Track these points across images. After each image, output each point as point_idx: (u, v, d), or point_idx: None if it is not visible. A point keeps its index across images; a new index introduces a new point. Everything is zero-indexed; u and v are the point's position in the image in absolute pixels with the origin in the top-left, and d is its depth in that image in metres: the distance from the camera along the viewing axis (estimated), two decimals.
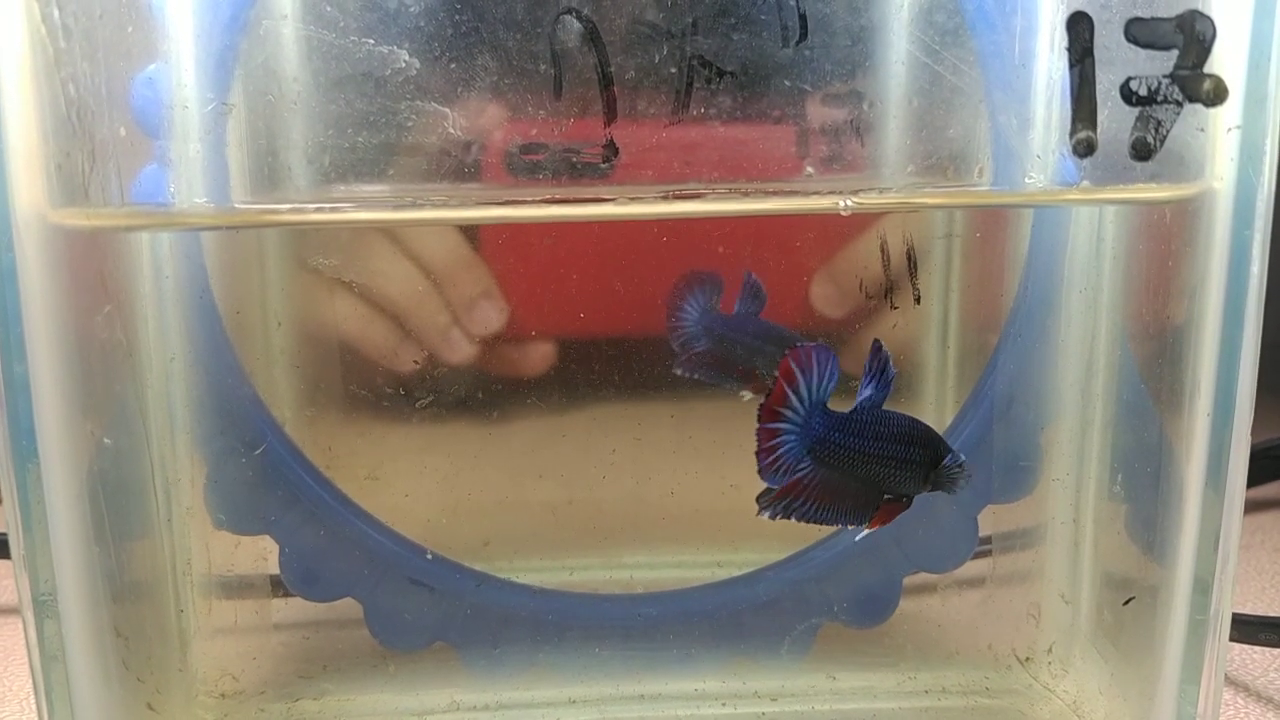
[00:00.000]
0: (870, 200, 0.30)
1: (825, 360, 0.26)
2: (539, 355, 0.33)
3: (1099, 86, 0.26)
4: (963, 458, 0.27)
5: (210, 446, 0.32)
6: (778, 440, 0.26)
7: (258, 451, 0.32)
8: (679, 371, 0.32)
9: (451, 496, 0.34)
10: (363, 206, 0.29)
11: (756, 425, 0.26)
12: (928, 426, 0.27)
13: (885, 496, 0.27)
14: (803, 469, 0.26)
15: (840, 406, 0.26)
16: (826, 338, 0.33)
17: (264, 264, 0.33)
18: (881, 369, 0.26)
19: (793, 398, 0.26)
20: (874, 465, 0.27)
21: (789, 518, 0.27)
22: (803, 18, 0.28)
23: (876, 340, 0.26)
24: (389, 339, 0.33)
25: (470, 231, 0.33)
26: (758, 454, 0.26)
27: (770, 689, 0.34)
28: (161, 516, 0.31)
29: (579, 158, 0.28)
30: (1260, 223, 0.26)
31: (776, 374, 0.26)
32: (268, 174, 0.29)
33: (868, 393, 0.26)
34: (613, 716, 0.33)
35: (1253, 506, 0.55)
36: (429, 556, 0.33)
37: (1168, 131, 0.26)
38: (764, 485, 0.34)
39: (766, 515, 0.27)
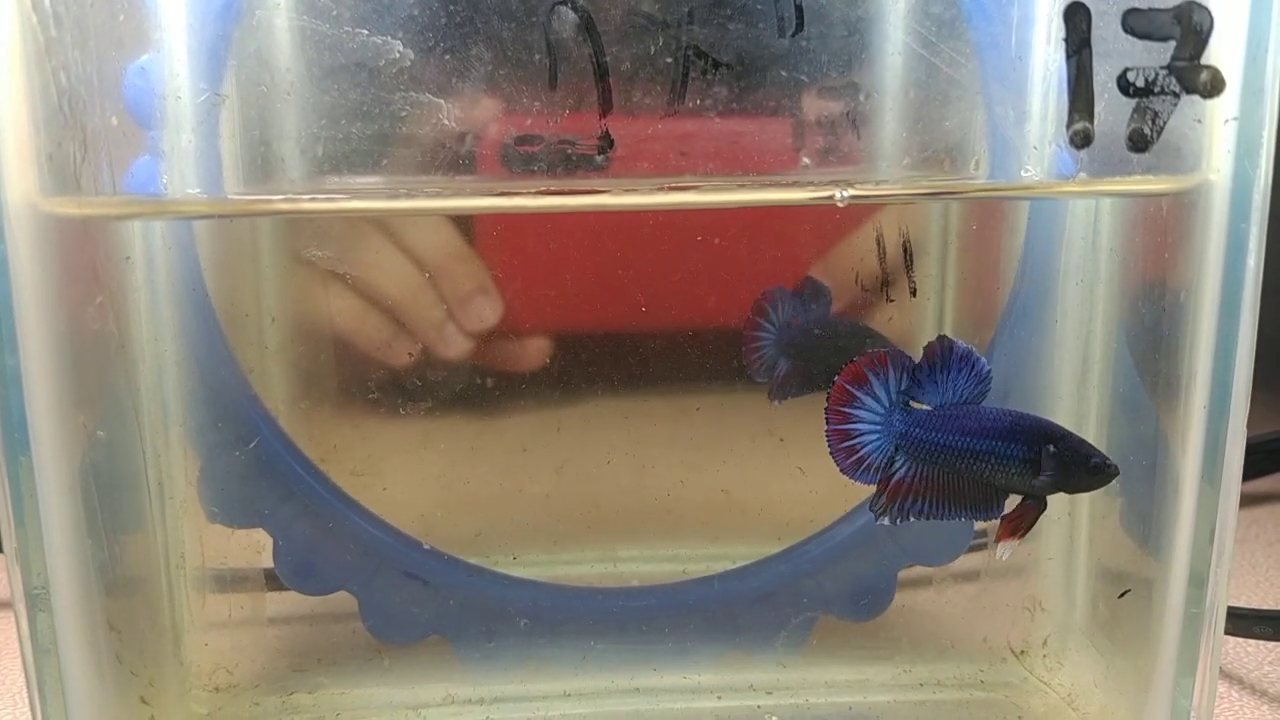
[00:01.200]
0: (866, 192, 0.30)
1: (899, 360, 0.27)
2: (534, 350, 0.33)
3: (1096, 78, 0.26)
4: (1101, 458, 0.27)
5: (203, 439, 0.32)
6: (858, 440, 0.27)
7: (251, 445, 0.32)
8: (776, 403, 0.32)
9: (447, 490, 0.34)
10: (356, 196, 0.29)
11: (825, 427, 0.27)
12: (1039, 421, 0.27)
13: (1018, 497, 0.28)
14: (899, 468, 0.27)
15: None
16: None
17: (258, 256, 0.33)
18: (959, 362, 0.27)
19: (867, 398, 0.27)
20: (970, 461, 0.27)
21: (908, 519, 0.27)
22: (799, 9, 0.28)
23: (942, 336, 0.27)
24: (383, 332, 0.33)
25: (465, 225, 0.33)
26: (832, 454, 0.27)
27: (766, 682, 0.34)
28: (155, 510, 0.31)
29: (574, 149, 0.28)
30: (1257, 215, 0.26)
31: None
32: (261, 165, 0.29)
33: (940, 390, 0.27)
34: (608, 710, 0.33)
35: (1248, 500, 0.55)
36: (426, 548, 0.33)
37: (1165, 123, 0.26)
38: (759, 483, 0.35)
39: (885, 521, 0.27)
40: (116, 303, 0.29)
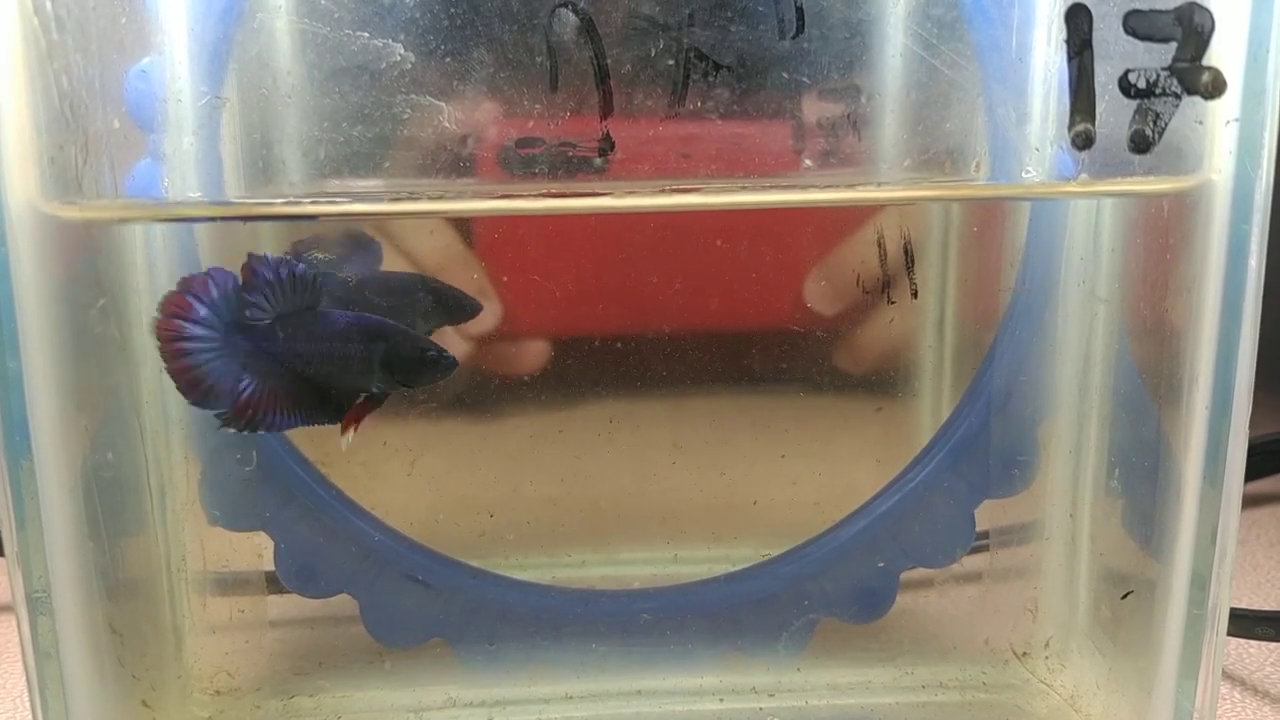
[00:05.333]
0: (868, 194, 0.30)
1: (223, 279, 0.27)
2: (534, 352, 0.33)
3: (1097, 79, 0.26)
4: (437, 349, 0.28)
5: (205, 443, 0.32)
6: (202, 368, 0.27)
7: (253, 454, 0.32)
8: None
9: (447, 493, 0.34)
10: (357, 199, 0.29)
11: (164, 365, 0.27)
12: (376, 320, 0.28)
13: (361, 395, 0.28)
14: (246, 386, 0.27)
15: None
16: (823, 333, 0.33)
17: None
18: (275, 274, 0.27)
19: (198, 327, 0.26)
20: (317, 366, 0.27)
21: (258, 430, 0.28)
22: (799, 11, 0.28)
23: (251, 255, 0.27)
24: None
25: (464, 228, 0.33)
26: (180, 389, 0.27)
27: (767, 685, 0.34)
28: (156, 513, 0.31)
29: (575, 152, 0.28)
30: (1258, 216, 0.26)
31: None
32: (262, 168, 0.29)
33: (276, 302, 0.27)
34: (609, 712, 0.33)
35: (1250, 501, 0.55)
36: (425, 548, 0.33)
37: (1166, 124, 0.26)
38: (761, 485, 0.35)
39: (232, 430, 0.27)
40: (118, 306, 0.29)
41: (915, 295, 0.32)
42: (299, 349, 0.27)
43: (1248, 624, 0.36)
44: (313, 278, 0.27)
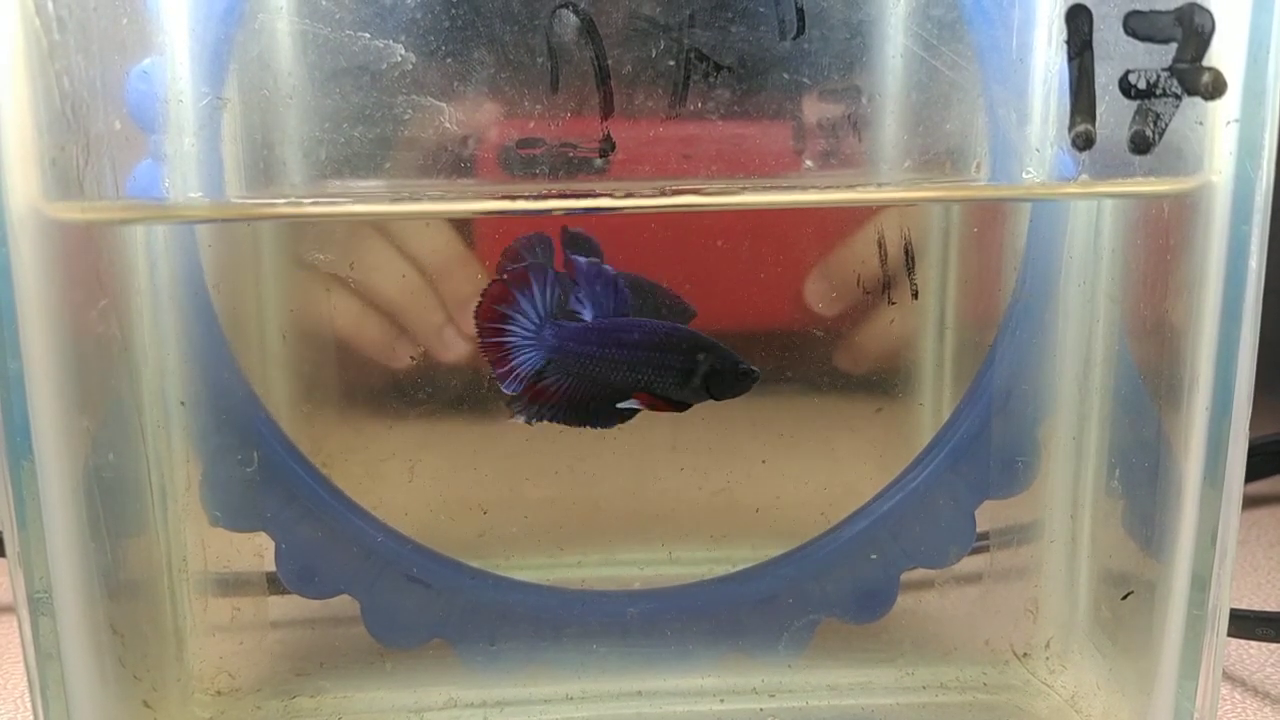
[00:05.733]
0: (868, 194, 0.30)
1: (543, 276, 0.27)
2: None
3: (1098, 80, 0.26)
4: (747, 364, 0.28)
5: (206, 443, 0.32)
6: (511, 352, 0.28)
7: (255, 455, 0.32)
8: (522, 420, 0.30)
9: (448, 493, 0.34)
10: (358, 200, 0.29)
11: (480, 341, 0.27)
12: (690, 332, 0.28)
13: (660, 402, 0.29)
14: (545, 379, 0.28)
15: None
16: (823, 334, 0.33)
17: (259, 260, 0.33)
18: (594, 279, 0.27)
19: (517, 315, 0.27)
20: (626, 371, 0.28)
21: (540, 420, 0.28)
22: (800, 12, 0.28)
23: (574, 257, 0.28)
24: (385, 336, 0.33)
25: (465, 229, 0.33)
26: (490, 363, 0.28)
27: (768, 685, 0.34)
28: (157, 513, 0.31)
29: (576, 152, 0.28)
30: (1258, 216, 0.26)
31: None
32: (263, 169, 0.29)
33: (590, 306, 0.28)
34: (610, 713, 0.33)
35: (1250, 502, 0.55)
36: (424, 549, 0.33)
37: (1166, 125, 0.26)
38: (761, 486, 0.35)
39: (520, 420, 0.28)
40: (119, 306, 0.29)
41: (916, 296, 0.32)
42: (610, 352, 0.28)
43: (1248, 625, 0.36)
44: (622, 285, 0.28)
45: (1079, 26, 0.26)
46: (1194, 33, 0.25)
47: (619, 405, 0.28)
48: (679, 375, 0.28)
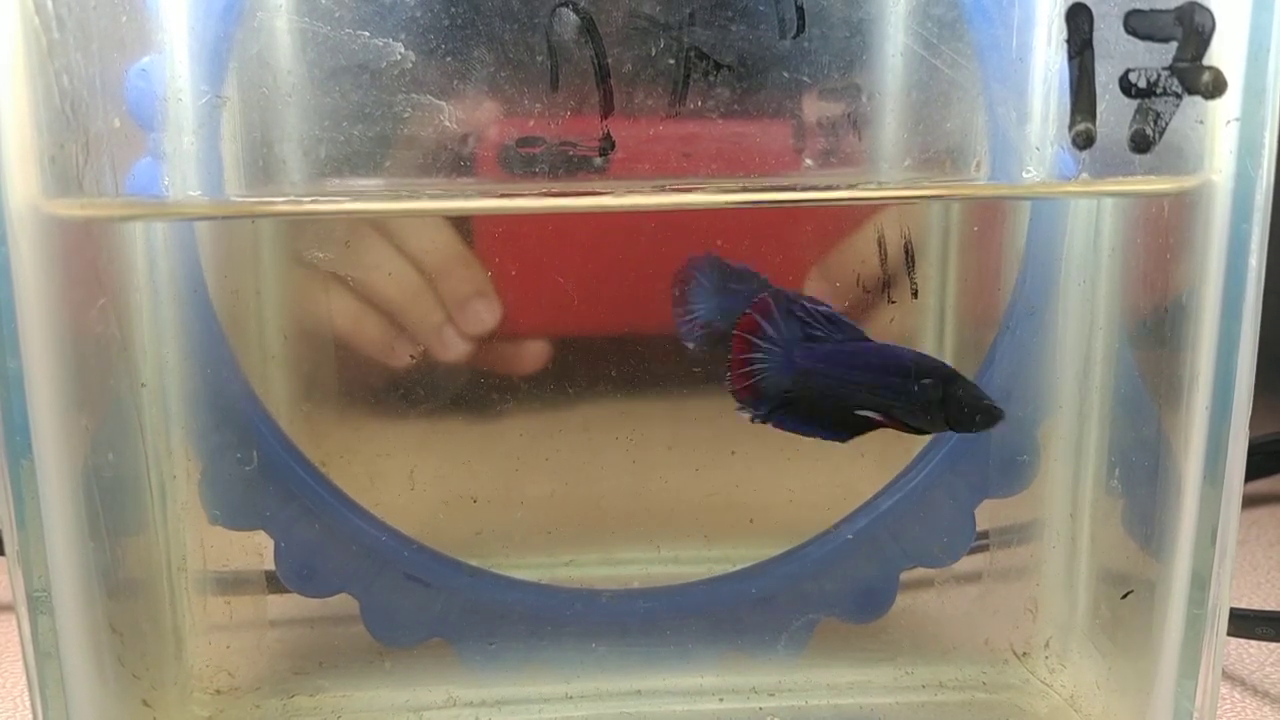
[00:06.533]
0: (868, 193, 0.30)
1: (783, 300, 0.28)
2: (534, 353, 0.33)
3: (1098, 79, 0.26)
4: (990, 400, 0.28)
5: (205, 442, 0.32)
6: (758, 374, 0.28)
7: (254, 453, 0.32)
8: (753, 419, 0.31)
9: (448, 492, 0.34)
10: (357, 198, 0.29)
11: (731, 370, 0.28)
12: (936, 361, 0.28)
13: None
14: (788, 398, 0.28)
15: None
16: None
17: (259, 259, 0.33)
18: (827, 318, 0.28)
19: (764, 342, 0.27)
20: (869, 395, 0.28)
21: (766, 423, 0.28)
22: (800, 10, 0.28)
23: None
24: (384, 335, 0.33)
25: (465, 228, 0.33)
26: (731, 379, 0.28)
27: (767, 684, 0.34)
28: (156, 512, 0.31)
29: (575, 151, 0.28)
30: (1259, 215, 0.26)
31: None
32: (262, 167, 0.29)
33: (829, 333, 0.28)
34: (609, 712, 0.33)
35: (1249, 501, 0.55)
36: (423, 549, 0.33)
37: (1166, 124, 0.26)
38: (760, 485, 0.35)
39: (748, 418, 0.28)
40: (118, 305, 0.29)
41: (915, 295, 0.32)
42: (855, 375, 0.28)
43: (1248, 624, 0.36)
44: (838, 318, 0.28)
45: (1079, 25, 0.26)
46: (1194, 31, 0.25)
47: (860, 413, 0.28)
48: (921, 403, 0.28)
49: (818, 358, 0.27)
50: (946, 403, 0.28)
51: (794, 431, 0.28)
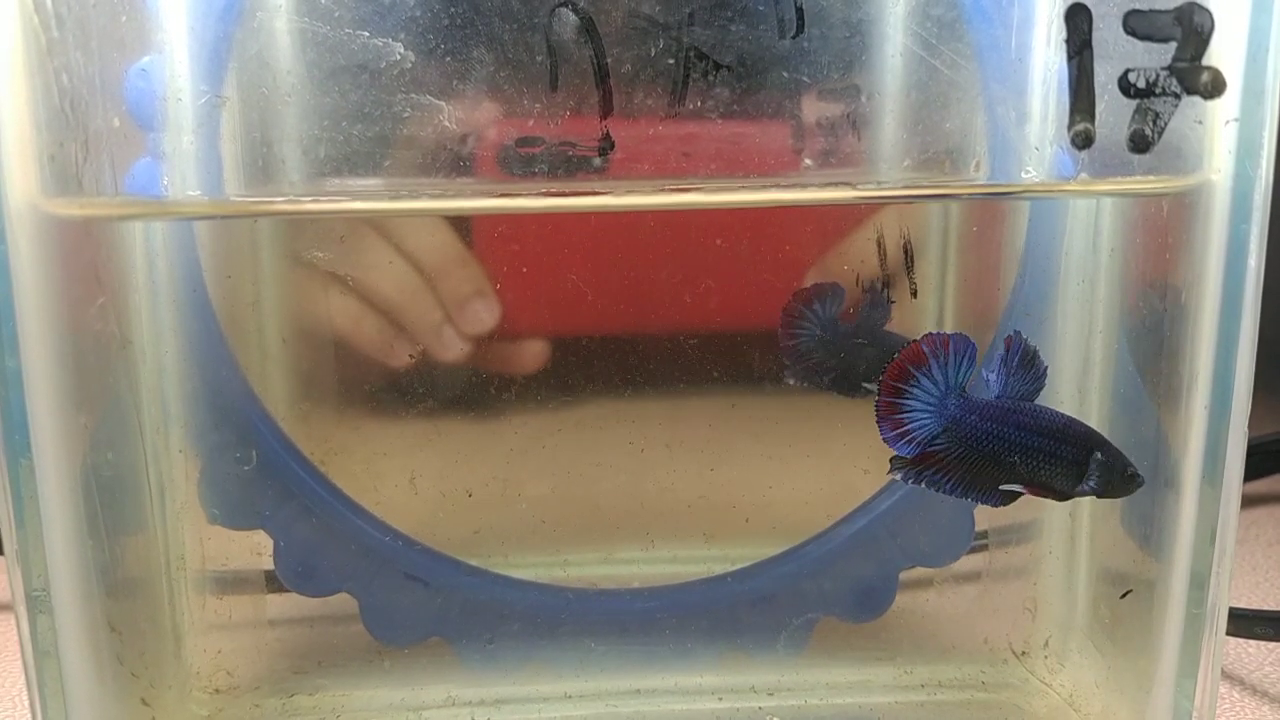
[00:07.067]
0: (867, 193, 0.30)
1: (963, 347, 0.27)
2: (533, 353, 0.33)
3: (1097, 79, 0.26)
4: (1134, 468, 0.28)
5: (204, 441, 0.32)
6: (907, 415, 0.27)
7: (253, 452, 0.32)
8: (792, 381, 0.32)
9: (447, 492, 0.34)
10: (356, 198, 0.29)
11: (876, 397, 0.27)
12: (1086, 427, 0.28)
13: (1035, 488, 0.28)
14: (937, 445, 0.27)
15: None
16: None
17: (258, 258, 0.33)
18: (1025, 360, 0.27)
19: (924, 379, 0.27)
20: (1019, 455, 0.27)
21: (920, 485, 0.28)
22: (799, 10, 0.28)
23: (1016, 332, 0.27)
24: (383, 334, 0.33)
25: (464, 228, 0.33)
26: (879, 421, 0.27)
27: (766, 684, 0.34)
28: (155, 511, 0.31)
29: (575, 151, 0.28)
30: (1257, 215, 0.26)
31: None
32: (261, 167, 0.29)
33: (1002, 382, 0.27)
34: (608, 711, 0.33)
35: (1248, 501, 0.55)
36: (423, 548, 0.33)
37: (1165, 124, 0.26)
38: (760, 484, 0.35)
39: (897, 477, 0.28)
40: (118, 304, 0.29)
41: (915, 295, 0.32)
42: (1008, 433, 0.27)
43: (1247, 623, 0.36)
44: (1041, 368, 0.27)
45: (1078, 25, 0.26)
46: (1193, 32, 0.25)
47: (1006, 488, 0.28)
48: (1070, 468, 0.28)
49: (972, 409, 0.27)
50: (1094, 468, 0.28)
51: (941, 490, 0.28)
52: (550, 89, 0.28)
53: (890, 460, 0.28)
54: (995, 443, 0.27)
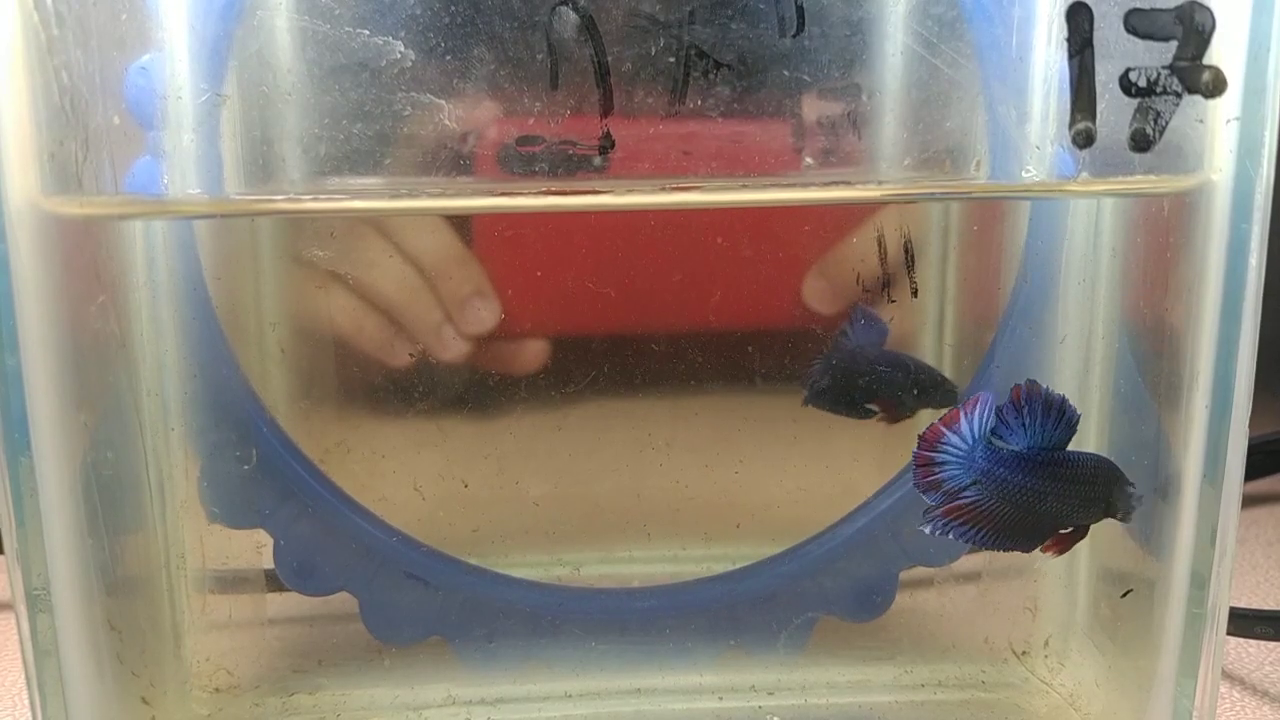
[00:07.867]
0: (867, 193, 0.30)
1: (987, 401, 0.27)
2: (533, 352, 0.33)
3: (1098, 78, 0.26)
4: (1134, 487, 0.28)
5: (204, 440, 0.32)
6: (939, 466, 0.28)
7: (253, 451, 0.32)
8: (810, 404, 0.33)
9: (447, 491, 0.34)
10: (356, 196, 0.29)
11: (915, 450, 0.28)
12: (1108, 461, 0.28)
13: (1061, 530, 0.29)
14: (966, 497, 0.27)
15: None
16: (822, 332, 0.33)
17: (258, 257, 0.33)
18: (1053, 410, 0.27)
19: (954, 435, 0.27)
20: (1051, 501, 0.28)
21: (947, 535, 0.28)
22: (800, 9, 0.28)
23: (1031, 381, 0.28)
24: (383, 333, 0.33)
25: (464, 227, 0.33)
26: (914, 470, 0.28)
27: (767, 683, 0.34)
28: (155, 510, 0.31)
29: (575, 150, 0.28)
30: (1259, 215, 0.26)
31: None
32: (262, 166, 0.29)
33: (1032, 434, 0.28)
34: (609, 710, 0.33)
35: (1248, 500, 0.55)
36: (424, 548, 0.33)
37: (1166, 123, 0.26)
38: (760, 484, 0.35)
39: (927, 529, 0.28)
40: (117, 302, 0.29)
41: (915, 294, 0.32)
42: (1038, 484, 0.27)
43: (1247, 623, 0.36)
44: (1071, 417, 0.27)
45: (1079, 24, 0.26)
46: (1194, 31, 0.25)
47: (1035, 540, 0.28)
48: (1099, 508, 0.28)
49: (1001, 461, 0.27)
50: (1120, 500, 0.28)
51: (964, 539, 0.28)
52: (550, 88, 0.28)
53: (924, 513, 0.28)
54: (1027, 493, 0.27)
